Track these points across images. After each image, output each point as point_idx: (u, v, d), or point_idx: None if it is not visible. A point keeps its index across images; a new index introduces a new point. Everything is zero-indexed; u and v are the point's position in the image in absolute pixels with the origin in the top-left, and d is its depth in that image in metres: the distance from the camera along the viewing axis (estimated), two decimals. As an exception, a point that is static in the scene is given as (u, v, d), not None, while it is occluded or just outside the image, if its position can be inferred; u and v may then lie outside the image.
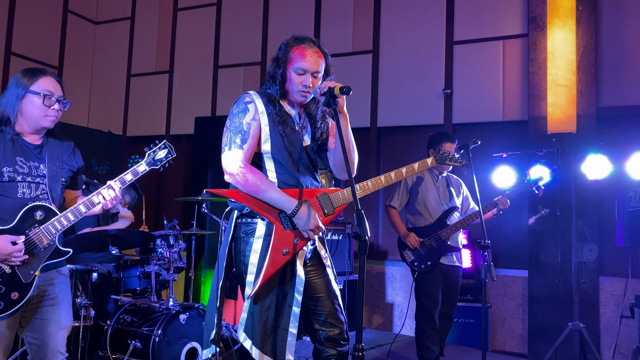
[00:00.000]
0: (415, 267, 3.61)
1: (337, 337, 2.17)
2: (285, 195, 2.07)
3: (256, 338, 2.04)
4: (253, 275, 2.07)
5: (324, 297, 2.19)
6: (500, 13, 5.35)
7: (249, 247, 2.10)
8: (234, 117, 2.13)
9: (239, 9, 6.55)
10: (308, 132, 2.25)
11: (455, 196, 3.79)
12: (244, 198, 2.07)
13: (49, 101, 2.13)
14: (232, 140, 2.09)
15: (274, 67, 2.19)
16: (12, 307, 2.03)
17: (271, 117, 2.14)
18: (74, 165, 2.32)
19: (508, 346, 5.08)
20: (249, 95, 2.17)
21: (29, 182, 2.12)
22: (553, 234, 4.55)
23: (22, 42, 6.16)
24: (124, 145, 6.96)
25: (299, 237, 2.10)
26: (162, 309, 3.24)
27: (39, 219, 2.10)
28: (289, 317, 2.09)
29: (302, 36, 2.21)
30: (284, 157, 2.14)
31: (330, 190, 2.19)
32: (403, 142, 5.78)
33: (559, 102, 4.85)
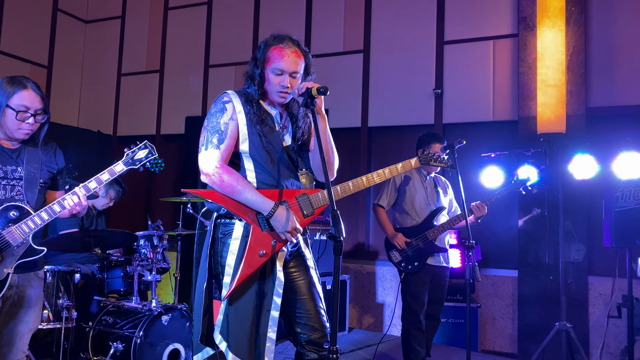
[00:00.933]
0: (402, 267, 3.60)
1: (318, 341, 2.12)
2: (261, 197, 2.04)
3: (231, 341, 2.01)
4: (229, 277, 2.04)
5: (306, 300, 2.15)
6: (491, 13, 5.34)
7: (226, 248, 2.07)
8: (212, 116, 2.11)
9: (229, 8, 6.52)
10: (289, 132, 2.22)
11: (443, 196, 3.78)
12: (220, 199, 2.04)
13: (22, 116, 2.16)
14: (208, 140, 2.07)
15: (253, 66, 2.16)
16: None
17: (249, 117, 2.11)
18: (53, 166, 2.35)
19: (498, 346, 5.08)
20: (227, 94, 2.15)
21: (4, 184, 2.17)
22: (543, 234, 4.55)
23: (11, 41, 6.12)
24: (113, 145, 6.93)
25: (276, 239, 2.07)
26: (144, 310, 3.21)
27: (13, 218, 2.14)
28: (267, 321, 2.05)
29: (281, 35, 2.17)
30: (262, 157, 2.11)
31: (310, 191, 2.15)
32: (394, 142, 5.77)
33: (548, 102, 4.85)
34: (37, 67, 6.46)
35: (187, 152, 6.22)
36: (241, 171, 2.12)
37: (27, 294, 2.25)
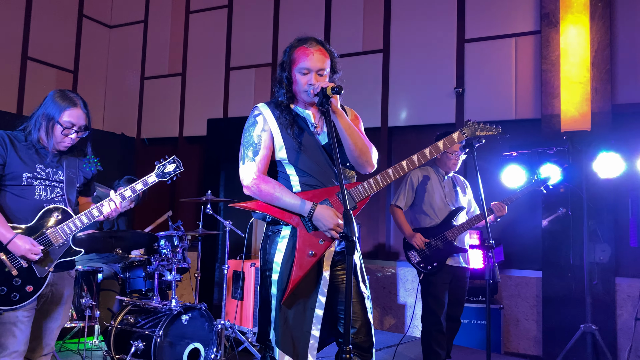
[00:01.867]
0: (421, 268, 3.56)
1: (363, 345, 2.12)
2: (299, 199, 2.09)
3: (277, 337, 2.07)
4: (277, 275, 2.09)
5: (353, 302, 2.15)
6: (512, 10, 5.26)
7: (274, 245, 2.14)
8: (246, 132, 2.20)
9: (249, 10, 6.58)
10: (324, 131, 2.25)
11: (462, 196, 3.73)
12: (264, 208, 2.12)
13: (67, 131, 2.33)
14: (245, 155, 2.16)
15: (280, 71, 2.22)
16: (27, 299, 2.21)
17: (280, 123, 2.17)
18: (88, 173, 2.54)
19: (522, 348, 4.99)
20: (257, 108, 2.22)
21: (46, 185, 2.32)
22: (567, 234, 4.45)
23: (38, 47, 6.29)
24: (137, 147, 7.05)
25: (323, 238, 2.10)
26: (164, 309, 3.26)
27: (56, 219, 2.29)
28: (311, 319, 2.08)
29: (305, 37, 2.21)
30: (301, 160, 2.16)
31: (350, 185, 2.18)
32: (414, 141, 5.72)
33: (572, 99, 4.75)
34: (63, 71, 6.62)
35: (208, 154, 6.29)
36: (284, 177, 2.19)
37: (60, 292, 2.39)
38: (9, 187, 2.26)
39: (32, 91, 6.18)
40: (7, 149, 2.27)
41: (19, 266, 2.21)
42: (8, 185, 2.27)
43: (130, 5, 7.30)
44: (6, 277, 2.19)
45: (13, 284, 2.20)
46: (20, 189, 2.26)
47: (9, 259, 2.20)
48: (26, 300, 2.21)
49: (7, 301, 2.18)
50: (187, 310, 3.24)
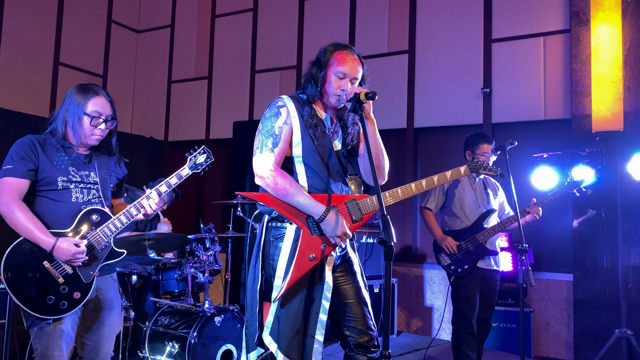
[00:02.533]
0: (452, 271, 3.54)
1: (366, 344, 2.15)
2: (313, 201, 2.07)
3: (282, 342, 2.05)
4: (280, 279, 2.08)
5: (353, 304, 2.18)
6: (541, 9, 5.18)
7: (277, 251, 2.12)
8: (266, 120, 2.15)
9: (274, 13, 6.62)
10: (339, 137, 2.26)
11: (493, 199, 3.70)
12: (273, 202, 2.08)
13: (95, 122, 2.25)
14: (263, 144, 2.11)
15: (315, 69, 2.21)
16: (75, 306, 2.16)
17: (303, 120, 2.15)
18: (120, 173, 2.46)
19: (552, 352, 4.91)
20: (281, 99, 2.19)
21: (81, 188, 2.24)
22: (599, 236, 4.36)
23: (69, 53, 6.44)
24: (165, 150, 7.16)
25: (326, 243, 2.10)
26: (198, 311, 3.30)
27: (95, 221, 2.22)
28: (315, 324, 2.08)
29: (342, 43, 2.25)
30: (314, 162, 2.15)
31: (359, 197, 2.17)
32: (441, 143, 5.68)
33: (604, 99, 4.66)
34: (93, 76, 6.76)
35: (235, 156, 6.35)
36: (293, 175, 2.16)
37: (107, 297, 2.32)
38: (45, 192, 2.19)
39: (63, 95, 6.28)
40: (38, 153, 2.19)
41: (64, 273, 2.15)
42: (44, 190, 2.20)
43: (157, 10, 7.42)
44: (53, 285, 2.13)
45: (60, 292, 2.14)
46: (56, 193, 2.19)
47: (53, 266, 2.14)
48: (75, 308, 2.16)
49: (55, 310, 2.12)
50: (220, 312, 3.28)
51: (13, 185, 2.13)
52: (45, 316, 2.11)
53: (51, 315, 2.11)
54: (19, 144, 2.20)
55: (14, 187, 2.13)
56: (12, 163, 2.15)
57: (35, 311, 2.09)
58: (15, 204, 2.11)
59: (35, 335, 2.15)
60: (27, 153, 2.17)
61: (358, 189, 2.23)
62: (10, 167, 2.14)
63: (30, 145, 2.20)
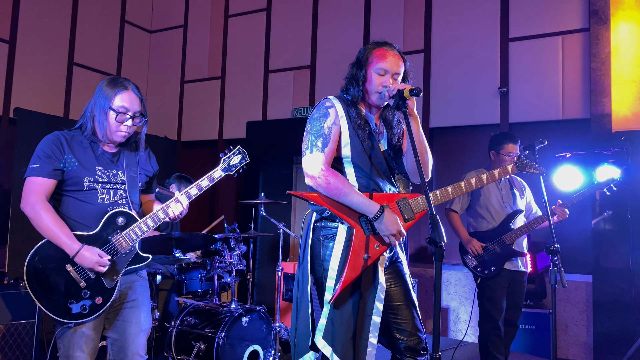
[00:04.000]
0: (479, 272, 3.49)
1: (416, 347, 2.12)
2: (367, 200, 2.05)
3: (337, 345, 2.01)
4: (333, 280, 2.04)
5: (402, 306, 2.15)
6: (559, 7, 5.15)
7: (329, 251, 2.08)
8: (315, 121, 2.14)
9: (288, 13, 6.60)
10: (384, 137, 2.25)
11: (519, 199, 3.64)
12: (325, 201, 2.05)
13: (121, 117, 2.16)
14: (313, 144, 2.09)
15: (355, 69, 2.20)
16: (96, 311, 2.11)
17: (351, 121, 2.14)
18: (149, 170, 2.37)
19: (571, 354, 4.87)
20: (329, 100, 2.18)
21: (108, 189, 2.17)
22: (621, 237, 4.32)
23: (83, 53, 6.44)
24: (179, 150, 7.14)
25: (379, 242, 2.06)
26: (224, 311, 3.28)
27: (121, 225, 2.16)
28: (369, 326, 2.05)
29: (382, 40, 2.24)
30: (363, 162, 2.13)
31: (410, 195, 2.16)
32: (457, 142, 5.65)
33: (624, 98, 4.62)
34: (106, 76, 6.75)
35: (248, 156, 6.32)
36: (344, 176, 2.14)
37: (132, 295, 2.25)
38: (71, 193, 2.13)
39: (77, 95, 6.33)
40: (64, 151, 2.12)
41: (87, 277, 2.10)
42: (70, 190, 2.13)
43: (170, 11, 7.41)
44: (75, 289, 2.08)
45: (82, 296, 2.09)
46: (83, 194, 2.12)
47: (76, 270, 2.08)
48: (97, 312, 2.11)
49: (77, 314, 2.08)
50: (247, 312, 3.26)
51: (39, 186, 2.08)
52: (66, 320, 2.07)
53: (72, 319, 2.07)
54: (45, 142, 2.13)
55: (40, 187, 2.08)
56: (38, 162, 2.09)
57: (56, 314, 2.05)
58: (41, 206, 2.06)
59: (59, 335, 2.12)
60: (54, 151, 2.10)
61: (406, 189, 2.20)
62: (37, 167, 2.08)
63: (57, 142, 2.12)
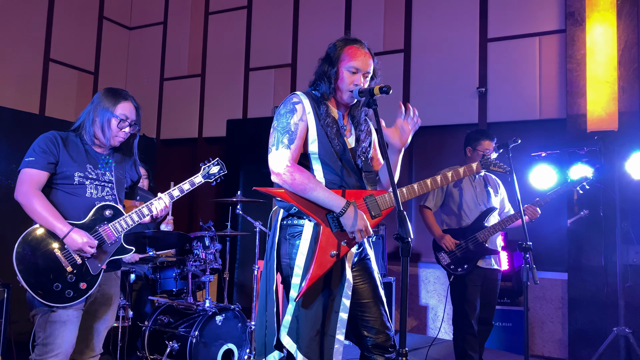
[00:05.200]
0: (451, 270, 3.51)
1: (384, 344, 2.12)
2: (333, 194, 2.04)
3: (301, 342, 2.00)
4: (299, 278, 2.04)
5: (370, 303, 2.15)
6: (536, 9, 5.21)
7: (295, 249, 2.07)
8: (282, 117, 2.12)
9: (269, 11, 6.57)
10: (352, 135, 2.25)
11: (494, 196, 3.67)
12: (292, 197, 2.04)
13: (122, 124, 2.38)
14: (279, 140, 2.09)
15: (327, 65, 2.19)
16: (80, 296, 2.24)
17: (318, 117, 2.13)
18: (134, 175, 2.58)
19: (547, 351, 4.94)
20: (296, 95, 2.17)
21: (96, 185, 2.36)
22: (595, 236, 4.39)
23: (60, 49, 6.32)
24: (157, 148, 7.07)
25: (347, 239, 2.06)
26: (198, 310, 3.25)
27: (108, 216, 2.33)
28: (335, 323, 2.04)
29: (352, 37, 2.23)
30: (330, 158, 2.13)
31: (377, 192, 2.15)
32: (436, 142, 5.69)
33: (599, 99, 4.70)
34: (84, 73, 6.66)
35: (229, 155, 6.29)
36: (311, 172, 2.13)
37: (108, 293, 2.40)
38: (61, 186, 2.30)
39: (53, 92, 6.22)
40: (59, 147, 2.30)
41: (73, 262, 2.23)
42: (60, 184, 2.30)
43: (149, 7, 7.32)
44: (61, 273, 2.21)
45: (67, 280, 2.21)
46: (72, 187, 2.29)
47: (64, 255, 2.22)
48: (80, 298, 2.23)
49: (61, 298, 2.19)
50: (221, 311, 3.23)
51: (33, 177, 2.25)
52: (50, 303, 2.17)
53: (56, 302, 2.18)
54: (42, 138, 2.32)
55: (33, 178, 2.25)
56: (34, 156, 2.27)
57: (41, 297, 2.15)
58: (33, 193, 2.22)
59: (39, 323, 2.21)
60: (49, 147, 2.29)
61: (373, 186, 2.20)
62: (32, 160, 2.26)
63: (53, 139, 2.31)
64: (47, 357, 2.18)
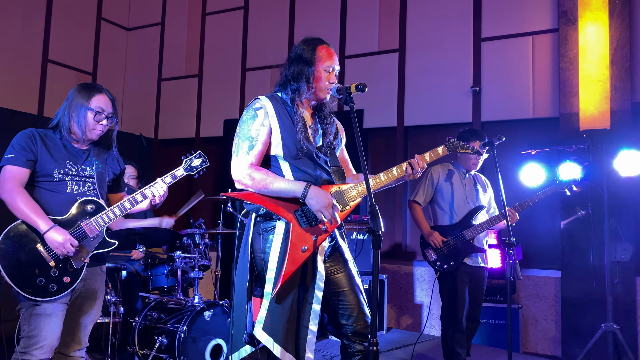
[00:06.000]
0: (438, 266, 3.54)
1: (363, 331, 2.15)
2: (292, 182, 2.11)
3: (278, 335, 2.04)
4: (273, 272, 2.08)
5: (347, 291, 2.19)
6: (529, 8, 5.24)
7: (268, 244, 2.12)
8: (243, 123, 2.19)
9: (265, 11, 6.62)
10: (319, 132, 2.30)
11: (482, 195, 3.70)
12: (258, 199, 2.10)
13: (99, 117, 2.37)
14: (239, 147, 2.16)
15: (302, 66, 2.21)
16: (63, 290, 2.25)
17: (281, 119, 2.18)
18: (116, 168, 2.58)
19: (541, 348, 4.96)
20: (259, 100, 2.22)
21: (77, 180, 2.36)
22: (587, 234, 4.41)
23: (58, 50, 6.39)
24: (155, 148, 7.13)
25: (316, 234, 2.11)
26: (187, 305, 3.30)
27: (90, 211, 2.34)
28: (309, 314, 2.09)
29: (316, 37, 2.29)
30: (296, 157, 2.17)
31: (344, 185, 2.20)
32: (431, 141, 5.70)
33: (591, 97, 4.71)
34: (82, 74, 6.72)
35: (225, 154, 6.34)
36: (278, 173, 2.18)
37: (93, 287, 2.42)
38: (42, 183, 2.31)
39: (52, 93, 6.29)
40: (37, 145, 2.31)
41: (56, 257, 2.25)
42: (41, 181, 2.31)
43: (147, 8, 7.39)
44: (44, 268, 2.23)
45: (51, 275, 2.23)
46: (52, 184, 2.30)
47: (46, 250, 2.24)
48: (64, 292, 2.25)
49: (45, 292, 2.21)
50: (209, 307, 3.28)
51: (15, 173, 2.26)
52: (34, 297, 2.20)
53: (40, 297, 2.20)
54: (21, 135, 2.33)
55: (15, 175, 2.26)
56: (14, 152, 2.28)
57: (25, 291, 2.18)
58: (16, 190, 2.24)
59: (24, 317, 2.25)
60: (28, 144, 2.29)
61: (341, 179, 2.24)
62: (12, 156, 2.27)
63: (31, 137, 2.32)
64: (32, 349, 2.20)
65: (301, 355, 2.07)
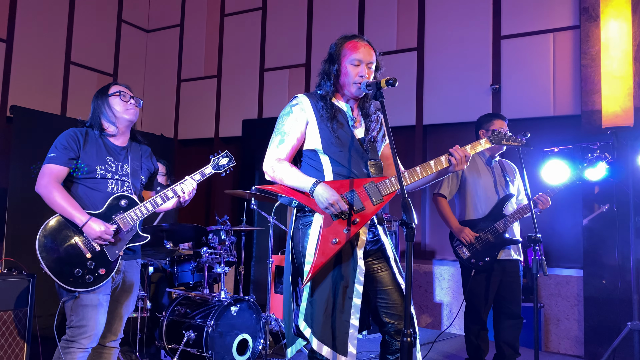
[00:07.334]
0: (472, 264, 3.32)
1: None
2: (302, 177, 2.15)
3: (316, 327, 2.06)
4: (310, 265, 2.11)
5: (391, 290, 2.19)
6: (550, 5, 5.21)
7: (306, 237, 2.16)
8: (279, 119, 2.29)
9: (283, 12, 6.66)
10: (362, 125, 2.33)
11: (511, 183, 3.48)
12: (291, 192, 2.16)
13: (124, 96, 2.50)
14: (272, 141, 2.26)
15: (328, 64, 2.29)
16: (100, 281, 2.35)
17: (319, 114, 2.22)
18: (151, 167, 2.71)
19: (563, 348, 4.92)
20: (296, 97, 2.29)
21: (117, 179, 2.48)
22: (609, 232, 4.35)
23: (80, 52, 6.51)
24: (175, 148, 7.21)
25: (347, 227, 2.12)
26: (214, 300, 3.34)
27: (124, 206, 2.44)
28: (349, 308, 2.09)
29: (350, 34, 2.33)
30: (335, 151, 2.21)
31: (378, 179, 2.21)
32: (450, 139, 5.69)
33: (614, 94, 4.67)
34: (103, 75, 6.83)
35: (244, 154, 6.39)
36: (317, 167, 2.23)
37: (130, 280, 2.54)
38: (82, 180, 2.41)
39: (74, 94, 6.40)
40: (79, 143, 2.42)
41: (92, 249, 2.34)
42: (82, 178, 2.41)
43: (166, 10, 7.48)
44: (81, 260, 2.33)
45: (88, 267, 2.33)
46: (94, 182, 2.41)
47: (83, 242, 2.34)
48: (100, 283, 2.34)
49: (83, 283, 2.31)
50: (236, 302, 3.31)
51: (53, 171, 2.37)
52: (72, 288, 2.30)
53: (77, 287, 2.30)
54: (63, 135, 2.44)
55: (53, 172, 2.37)
56: (56, 152, 2.40)
57: (63, 282, 2.28)
58: (53, 185, 2.34)
59: (72, 308, 2.34)
60: (70, 143, 2.41)
61: (379, 173, 2.25)
62: (54, 156, 2.39)
63: (74, 136, 2.43)
64: (80, 338, 2.31)
65: (340, 349, 2.06)
